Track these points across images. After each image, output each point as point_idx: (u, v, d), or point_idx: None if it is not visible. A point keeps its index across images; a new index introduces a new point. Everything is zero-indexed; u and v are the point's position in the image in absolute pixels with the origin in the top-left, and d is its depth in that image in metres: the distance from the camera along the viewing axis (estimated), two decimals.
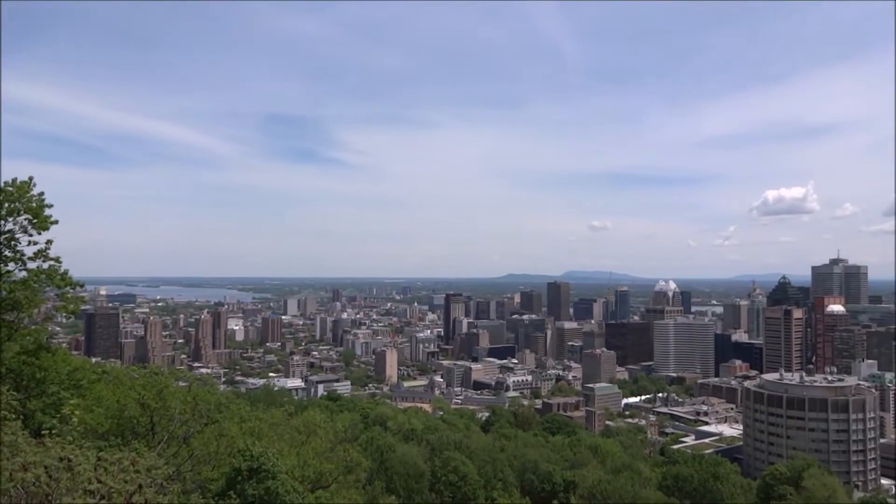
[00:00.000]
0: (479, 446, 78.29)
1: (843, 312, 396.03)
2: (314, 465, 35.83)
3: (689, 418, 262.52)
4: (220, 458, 28.84)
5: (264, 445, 28.32)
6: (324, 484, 36.04)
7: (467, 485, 59.58)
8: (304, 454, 36.38)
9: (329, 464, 37.42)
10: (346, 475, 39.67)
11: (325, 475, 36.32)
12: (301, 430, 42.35)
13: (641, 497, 59.26)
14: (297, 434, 41.53)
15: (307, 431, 41.70)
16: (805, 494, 76.79)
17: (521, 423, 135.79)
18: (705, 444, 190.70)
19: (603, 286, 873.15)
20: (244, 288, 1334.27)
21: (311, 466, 35.52)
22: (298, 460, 34.64)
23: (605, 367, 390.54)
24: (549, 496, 64.13)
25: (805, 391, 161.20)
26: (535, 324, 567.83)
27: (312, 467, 35.55)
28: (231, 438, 30.46)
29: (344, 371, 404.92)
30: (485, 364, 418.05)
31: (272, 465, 24.34)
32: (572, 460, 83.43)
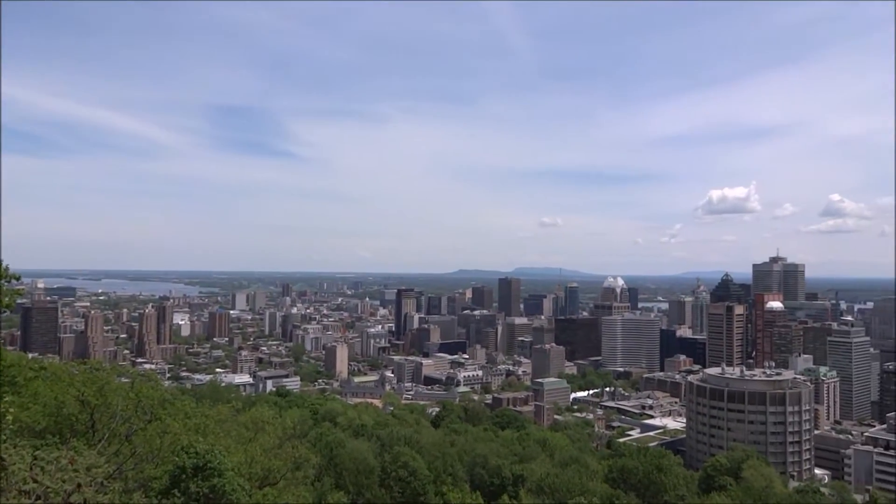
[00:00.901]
0: (429, 441, 78.36)
1: (782, 309, 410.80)
2: (262, 462, 35.28)
3: (635, 412, 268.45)
4: (164, 455, 28.11)
5: (210, 442, 27.69)
6: (272, 481, 35.52)
7: (417, 480, 59.54)
8: (252, 451, 35.75)
9: (277, 461, 36.90)
10: (294, 472, 39.18)
11: (272, 472, 35.82)
12: (249, 426, 41.65)
13: (588, 489, 60.22)
14: (245, 431, 40.82)
15: (255, 428, 41.03)
16: (744, 485, 79.37)
17: (471, 418, 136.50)
18: (650, 437, 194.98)
19: (553, 282, 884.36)
20: (191, 282, 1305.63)
21: (259, 463, 34.96)
22: (245, 457, 34.03)
23: (554, 362, 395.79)
24: (499, 490, 64.60)
25: (745, 385, 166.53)
26: (485, 319, 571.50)
27: (260, 464, 35.00)
28: (175, 435, 29.72)
29: (293, 367, 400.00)
30: (436, 359, 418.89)
31: (218, 463, 23.79)
32: (521, 454, 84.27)
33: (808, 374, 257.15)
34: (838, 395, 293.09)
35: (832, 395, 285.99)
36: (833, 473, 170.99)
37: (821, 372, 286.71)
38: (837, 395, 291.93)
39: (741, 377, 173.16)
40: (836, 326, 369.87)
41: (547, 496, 59.10)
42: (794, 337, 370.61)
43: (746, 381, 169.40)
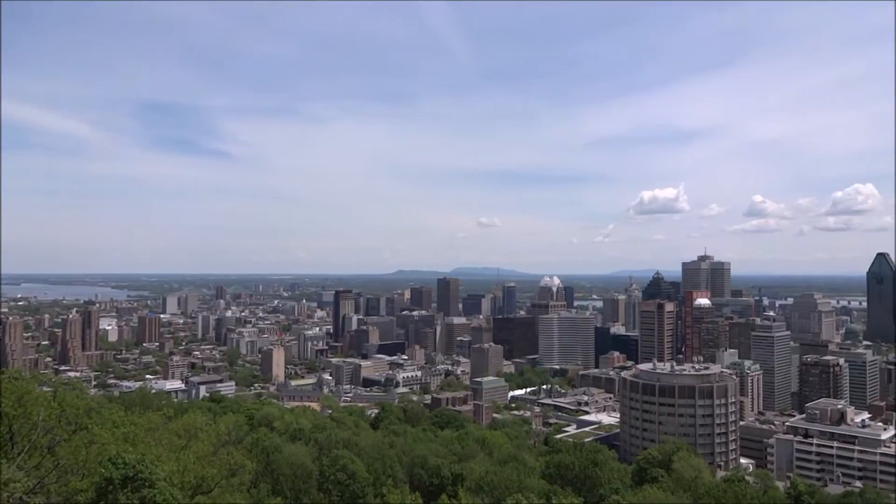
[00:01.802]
0: (368, 443, 77.93)
1: (709, 305, 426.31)
2: (195, 471, 34.37)
3: (572, 408, 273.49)
4: (90, 467, 27.01)
5: (140, 452, 26.80)
6: (206, 489, 34.64)
7: (356, 483, 59.12)
8: (185, 459, 34.81)
9: (211, 468, 36.04)
10: (229, 479, 38.34)
11: (207, 480, 34.93)
12: (181, 434, 40.56)
13: (526, 486, 61.06)
14: (177, 438, 39.74)
15: (188, 435, 40.00)
16: (674, 476, 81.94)
17: (410, 419, 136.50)
18: (586, 433, 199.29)
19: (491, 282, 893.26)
20: (118, 285, 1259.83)
21: (192, 472, 34.06)
22: (178, 466, 33.09)
23: (492, 361, 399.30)
24: (438, 490, 64.75)
25: (675, 379, 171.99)
26: (424, 320, 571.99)
27: (193, 472, 34.09)
28: (102, 446, 28.62)
29: (228, 371, 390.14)
30: (374, 361, 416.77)
31: (149, 473, 23.07)
32: (460, 453, 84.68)
33: (733, 368, 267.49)
34: (761, 387, 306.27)
35: (756, 388, 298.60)
36: (757, 462, 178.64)
37: (745, 365, 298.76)
38: (761, 387, 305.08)
39: (671, 372, 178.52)
40: (760, 322, 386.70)
41: (486, 494, 59.64)
42: (721, 332, 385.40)
43: (676, 375, 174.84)
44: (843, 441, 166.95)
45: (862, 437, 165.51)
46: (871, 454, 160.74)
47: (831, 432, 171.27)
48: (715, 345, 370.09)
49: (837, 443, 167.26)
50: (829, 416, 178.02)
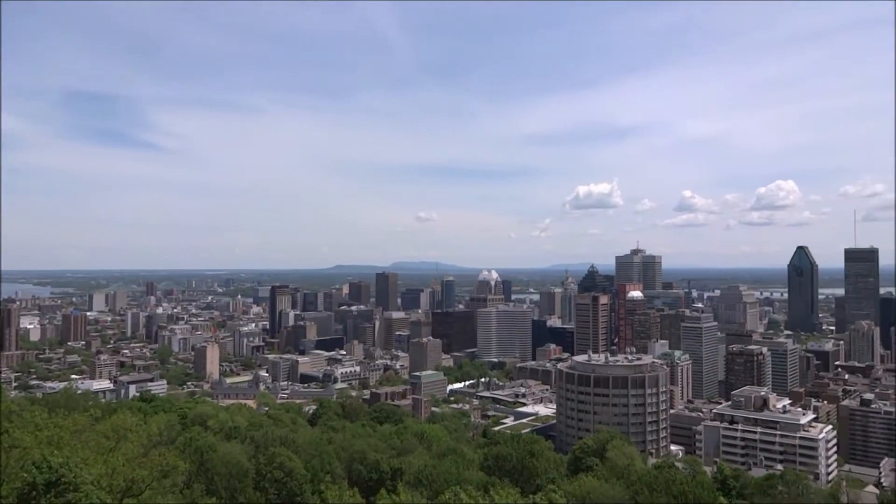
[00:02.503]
0: (306, 440, 77.08)
1: (641, 298, 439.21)
2: (124, 473, 33.28)
3: (509, 400, 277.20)
4: (12, 472, 25.88)
5: (65, 455, 25.81)
6: (136, 492, 33.59)
7: (294, 480, 58.44)
8: (113, 461, 33.68)
9: (142, 470, 34.97)
10: (161, 480, 37.29)
11: (136, 482, 33.87)
12: (109, 435, 39.20)
13: (465, 478, 61.60)
14: (105, 440, 38.39)
15: (116, 437, 38.69)
16: (608, 464, 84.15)
17: (348, 415, 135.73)
18: (523, 424, 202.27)
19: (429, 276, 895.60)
20: (41, 282, 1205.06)
21: (121, 474, 32.97)
22: (106, 468, 32.00)
23: (431, 355, 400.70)
24: (377, 485, 64.66)
25: (609, 370, 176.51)
26: (363, 314, 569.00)
27: (122, 475, 33.01)
28: (24, 450, 27.46)
29: (159, 370, 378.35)
30: (312, 356, 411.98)
31: (74, 476, 22.24)
32: (399, 448, 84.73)
33: (664, 358, 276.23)
34: (690, 376, 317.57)
35: (685, 377, 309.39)
36: (686, 448, 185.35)
37: (675, 355, 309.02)
38: (690, 377, 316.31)
39: (606, 363, 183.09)
40: (689, 313, 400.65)
41: (425, 487, 59.84)
42: (653, 324, 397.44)
43: (610, 366, 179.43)
44: (766, 426, 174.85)
45: (783, 423, 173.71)
46: (792, 438, 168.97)
47: (755, 418, 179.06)
48: (647, 336, 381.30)
49: (760, 428, 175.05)
50: (753, 403, 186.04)
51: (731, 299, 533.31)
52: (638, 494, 64.10)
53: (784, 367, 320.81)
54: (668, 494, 62.92)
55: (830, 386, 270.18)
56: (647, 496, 63.16)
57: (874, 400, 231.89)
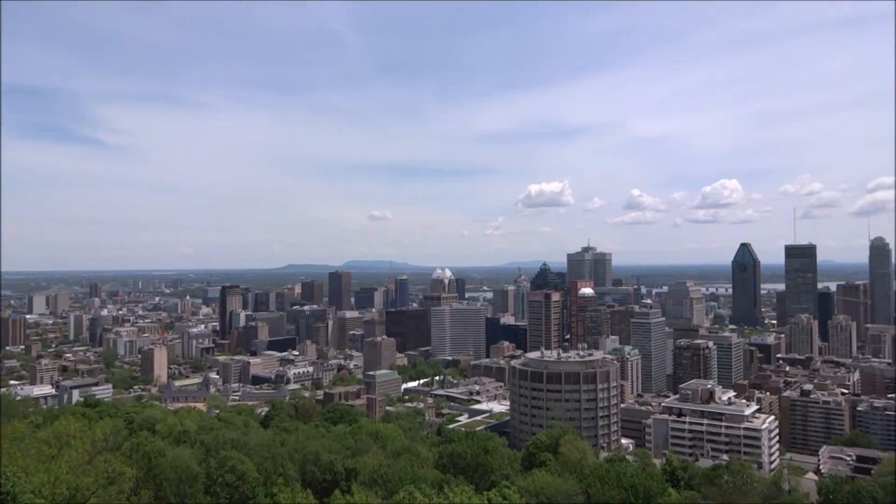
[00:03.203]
0: (258, 443, 75.82)
1: (593, 294, 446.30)
2: (67, 481, 32.22)
3: (464, 398, 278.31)
4: None
5: (3, 464, 24.81)
6: (80, 500, 32.56)
7: (246, 484, 57.46)
8: (56, 469, 32.56)
9: (86, 477, 33.92)
10: (106, 487, 36.20)
11: (81, 490, 32.84)
12: (51, 442, 37.90)
13: (420, 477, 61.61)
14: (47, 447, 37.10)
15: (59, 443, 37.43)
16: (561, 459, 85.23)
17: (302, 416, 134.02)
18: (478, 422, 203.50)
19: (383, 275, 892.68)
20: None
21: (64, 482, 31.91)
22: (48, 477, 30.93)
23: (385, 354, 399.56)
24: (331, 486, 64.10)
25: (561, 366, 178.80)
26: (316, 314, 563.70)
27: (66, 483, 31.95)
28: None
29: (104, 374, 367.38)
30: (264, 357, 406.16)
31: (12, 486, 21.40)
32: (354, 448, 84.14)
33: (615, 353, 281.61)
34: (640, 370, 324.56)
35: (635, 371, 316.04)
36: (637, 441, 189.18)
37: (626, 351, 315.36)
38: (639, 371, 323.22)
39: (558, 359, 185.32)
40: (638, 309, 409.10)
41: (380, 487, 59.62)
42: (603, 320, 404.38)
43: (563, 362, 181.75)
44: (712, 418, 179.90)
45: (728, 414, 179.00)
46: (737, 429, 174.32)
47: (701, 410, 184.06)
48: (598, 332, 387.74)
49: (707, 420, 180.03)
50: (700, 396, 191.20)
51: (679, 295, 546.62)
52: (590, 488, 65.15)
53: (729, 361, 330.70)
54: (620, 487, 64.13)
55: (772, 378, 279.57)
56: (599, 489, 64.26)
57: (813, 390, 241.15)
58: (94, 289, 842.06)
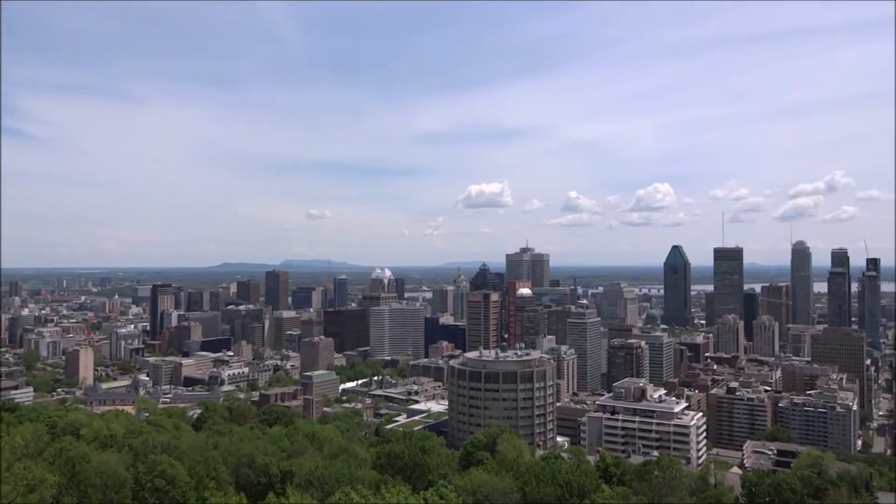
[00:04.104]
0: (189, 446, 73.89)
1: (530, 295, 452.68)
2: None
3: (402, 398, 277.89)
4: None
5: None
6: None
7: (176, 488, 55.88)
8: None
9: (5, 485, 32.38)
10: (27, 495, 34.66)
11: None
12: None
13: (357, 478, 61.26)
14: None
15: None
16: (498, 457, 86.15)
17: (236, 418, 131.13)
18: (416, 422, 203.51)
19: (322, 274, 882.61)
20: None
21: None
22: None
23: (323, 354, 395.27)
24: (266, 488, 63.04)
25: (499, 366, 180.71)
26: (252, 314, 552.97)
27: None
28: None
29: (25, 376, 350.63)
30: (197, 358, 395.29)
31: None
32: (290, 450, 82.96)
33: (551, 353, 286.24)
34: (576, 369, 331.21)
35: (571, 370, 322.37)
36: (572, 439, 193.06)
37: (562, 350, 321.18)
38: (575, 370, 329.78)
39: (496, 359, 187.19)
40: (574, 309, 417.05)
41: (316, 489, 58.93)
42: (541, 320, 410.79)
43: (500, 362, 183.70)
44: (644, 415, 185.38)
45: (659, 411, 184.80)
46: (667, 426, 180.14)
47: (634, 408, 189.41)
48: (535, 332, 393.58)
49: (639, 417, 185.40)
50: (633, 394, 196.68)
51: (613, 296, 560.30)
52: (526, 485, 66.08)
53: (660, 359, 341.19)
54: (555, 484, 65.27)
55: (701, 376, 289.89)
56: (535, 487, 65.24)
57: (738, 388, 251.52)
58: (15, 287, 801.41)
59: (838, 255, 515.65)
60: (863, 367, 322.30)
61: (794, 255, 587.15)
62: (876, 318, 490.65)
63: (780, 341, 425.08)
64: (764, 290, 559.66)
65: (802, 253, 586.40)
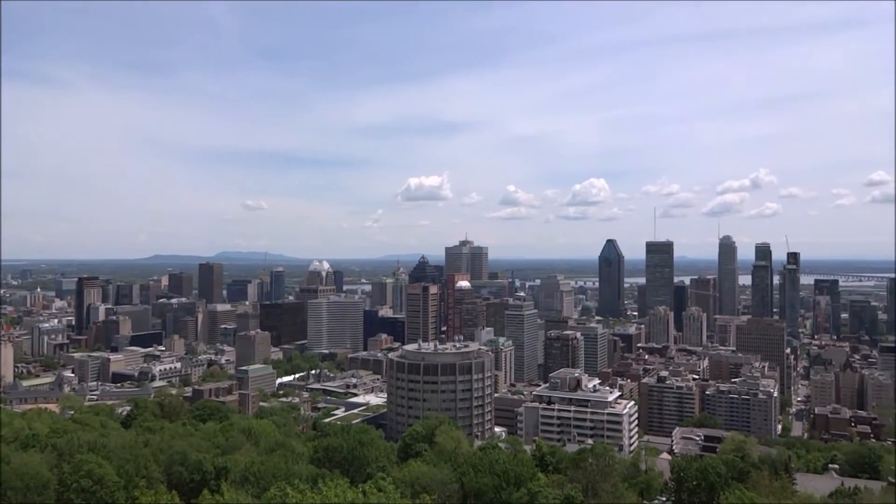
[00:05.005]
0: (118, 444, 71.48)
1: (469, 287, 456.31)
2: None
3: (340, 392, 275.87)
4: None
5: None
6: None
7: (104, 488, 53.96)
8: None
9: None
10: None
11: None
12: None
13: (294, 472, 60.53)
14: None
15: None
16: (437, 448, 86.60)
17: (168, 414, 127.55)
18: (354, 415, 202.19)
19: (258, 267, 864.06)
20: None
21: None
22: None
23: (259, 348, 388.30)
24: (200, 486, 61.62)
25: (438, 358, 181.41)
26: (184, 307, 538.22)
27: None
28: None
29: None
30: (126, 354, 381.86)
31: None
32: (224, 446, 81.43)
33: (490, 345, 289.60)
34: (513, 360, 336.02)
35: (509, 362, 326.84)
36: (509, 429, 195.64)
37: (500, 342, 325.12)
38: (513, 361, 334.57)
39: (435, 351, 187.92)
40: (512, 302, 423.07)
41: (251, 485, 57.92)
42: (479, 312, 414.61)
43: (439, 354, 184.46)
44: (579, 405, 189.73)
45: (593, 401, 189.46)
46: (601, 414, 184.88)
47: (569, 398, 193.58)
48: (474, 324, 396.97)
49: (574, 407, 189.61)
50: (568, 384, 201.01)
51: (550, 288, 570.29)
52: (464, 476, 66.71)
53: (595, 350, 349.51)
54: (492, 474, 66.09)
55: (633, 366, 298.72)
56: (473, 477, 65.92)
57: (668, 377, 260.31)
58: None
59: (762, 249, 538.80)
60: (783, 355, 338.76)
61: (721, 250, 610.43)
62: (795, 309, 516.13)
63: (707, 332, 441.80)
64: (693, 283, 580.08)
65: (729, 247, 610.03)
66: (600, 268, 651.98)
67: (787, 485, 78.94)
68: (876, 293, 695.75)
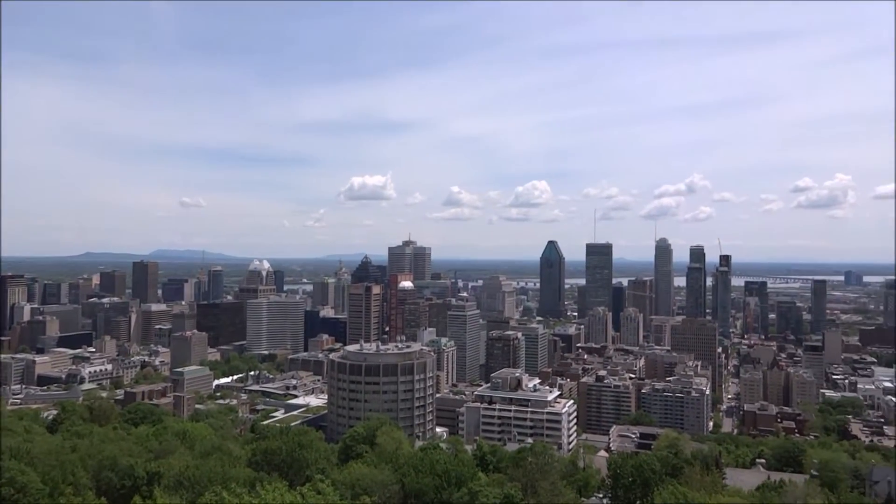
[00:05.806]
0: (43, 450, 68.55)
1: (412, 288, 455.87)
2: None
3: (280, 393, 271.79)
4: None
5: None
6: None
7: (28, 496, 51.64)
8: None
9: None
10: None
11: None
12: None
13: (231, 476, 59.18)
14: None
15: None
16: (378, 450, 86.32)
17: (97, 418, 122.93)
18: (294, 417, 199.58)
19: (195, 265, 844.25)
20: None
21: None
22: None
23: (196, 349, 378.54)
24: (131, 491, 59.62)
25: (380, 359, 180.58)
26: (117, 307, 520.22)
27: None
28: None
29: None
30: (53, 355, 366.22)
31: None
32: (158, 450, 79.12)
33: (432, 345, 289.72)
34: (455, 361, 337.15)
35: (451, 362, 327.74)
36: (451, 429, 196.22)
37: (442, 342, 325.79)
38: (454, 361, 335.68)
39: (377, 352, 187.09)
40: (455, 302, 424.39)
41: (185, 490, 56.34)
42: (422, 312, 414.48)
43: (381, 355, 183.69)
44: (519, 404, 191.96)
45: (533, 400, 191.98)
46: (540, 413, 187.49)
47: (510, 398, 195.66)
48: (416, 324, 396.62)
49: (515, 406, 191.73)
50: (509, 384, 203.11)
51: (492, 289, 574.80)
52: (405, 477, 66.57)
53: (535, 350, 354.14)
54: (433, 474, 66.16)
55: (573, 365, 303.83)
56: (414, 477, 65.86)
57: (606, 376, 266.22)
58: None
59: (696, 251, 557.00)
60: (715, 354, 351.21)
61: (658, 252, 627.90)
62: (727, 309, 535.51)
63: (644, 332, 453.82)
64: (630, 284, 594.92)
65: (665, 249, 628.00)
66: (541, 269, 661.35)
67: (717, 479, 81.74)
68: (801, 294, 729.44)
